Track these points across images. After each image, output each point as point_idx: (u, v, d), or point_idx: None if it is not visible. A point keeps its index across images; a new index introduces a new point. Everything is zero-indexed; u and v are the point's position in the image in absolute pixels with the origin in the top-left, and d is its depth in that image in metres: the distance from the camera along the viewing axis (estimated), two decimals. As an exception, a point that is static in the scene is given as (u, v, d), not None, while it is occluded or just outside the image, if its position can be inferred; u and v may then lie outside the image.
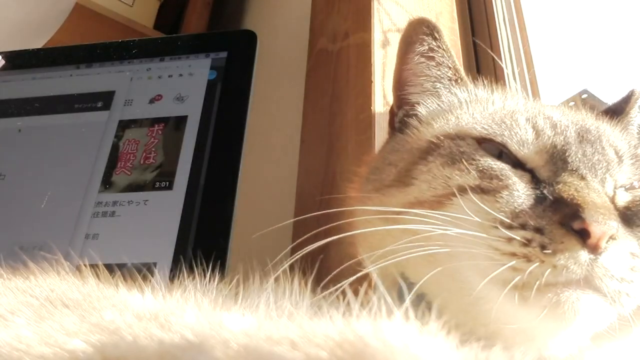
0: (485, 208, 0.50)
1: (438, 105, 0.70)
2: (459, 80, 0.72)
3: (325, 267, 0.54)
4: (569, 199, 0.49)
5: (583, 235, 0.46)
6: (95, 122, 1.04)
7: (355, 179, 0.71)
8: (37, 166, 1.01)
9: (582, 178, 0.52)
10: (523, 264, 0.46)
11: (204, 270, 0.48)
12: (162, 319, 0.31)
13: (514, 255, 0.47)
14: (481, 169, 0.55)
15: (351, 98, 1.10)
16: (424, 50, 0.71)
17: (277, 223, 0.73)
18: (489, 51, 1.25)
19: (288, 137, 1.28)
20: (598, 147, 0.56)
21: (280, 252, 0.59)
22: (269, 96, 1.42)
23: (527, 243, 0.47)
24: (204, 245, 0.84)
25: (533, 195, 0.52)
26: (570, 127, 0.58)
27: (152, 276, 0.45)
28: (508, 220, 0.49)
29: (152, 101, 1.04)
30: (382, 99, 1.06)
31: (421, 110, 0.70)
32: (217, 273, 0.48)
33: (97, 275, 0.44)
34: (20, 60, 1.19)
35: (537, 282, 0.45)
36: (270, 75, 1.45)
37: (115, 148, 1.00)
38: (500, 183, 0.53)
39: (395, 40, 1.15)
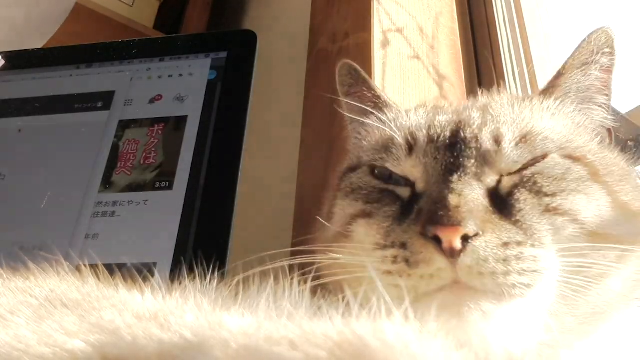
0: (367, 232, 0.54)
1: (356, 137, 0.73)
2: (382, 107, 0.72)
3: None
4: (427, 208, 0.50)
5: (439, 242, 0.46)
6: (95, 122, 1.04)
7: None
8: (37, 166, 1.01)
9: (449, 181, 0.52)
10: (399, 279, 0.47)
11: (204, 271, 0.48)
12: (162, 319, 0.31)
13: (390, 273, 0.48)
14: (366, 194, 0.58)
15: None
16: (345, 90, 0.76)
17: (277, 223, 0.73)
18: (490, 54, 1.25)
19: (288, 137, 1.28)
20: (472, 143, 0.55)
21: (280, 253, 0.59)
22: (269, 96, 1.42)
23: (395, 260, 0.48)
24: (204, 245, 0.84)
25: (404, 210, 0.53)
26: (445, 131, 0.58)
27: (152, 276, 0.45)
28: (382, 241, 0.51)
29: (152, 101, 1.04)
30: (382, 99, 1.05)
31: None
32: (217, 273, 0.48)
33: (97, 276, 0.44)
34: (21, 61, 1.19)
35: (412, 295, 0.45)
36: (270, 75, 1.45)
37: (115, 148, 1.00)
38: (379, 205, 0.56)
39: (395, 40, 1.15)
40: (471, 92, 1.24)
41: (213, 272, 0.47)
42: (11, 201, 0.97)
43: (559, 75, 0.65)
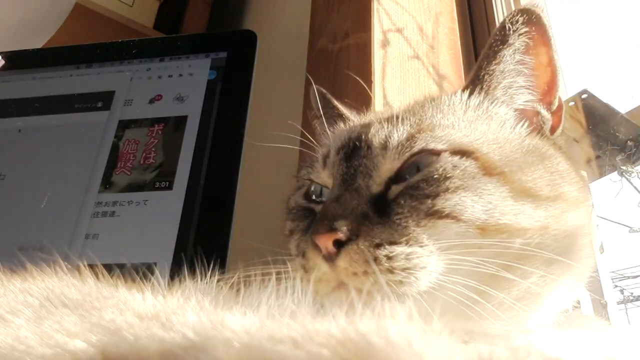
0: (292, 247, 0.60)
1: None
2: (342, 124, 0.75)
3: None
4: (317, 218, 0.54)
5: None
6: (95, 122, 1.04)
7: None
8: (37, 166, 1.01)
9: (340, 192, 0.55)
10: (306, 284, 0.49)
11: (204, 270, 0.48)
12: (164, 318, 0.31)
13: (301, 280, 0.50)
14: (294, 213, 0.64)
15: (351, 98, 1.10)
16: (313, 114, 0.82)
17: (277, 223, 0.73)
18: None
19: (288, 137, 1.28)
20: (363, 152, 0.58)
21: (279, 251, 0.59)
22: (269, 96, 1.42)
23: (300, 268, 0.53)
24: (204, 245, 0.83)
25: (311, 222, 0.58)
26: (350, 141, 0.60)
27: (152, 276, 0.45)
28: (295, 252, 0.57)
29: (152, 101, 1.04)
30: (381, 98, 1.06)
31: None
32: (217, 272, 0.48)
33: (97, 276, 0.43)
34: (21, 61, 1.19)
35: (317, 297, 0.49)
36: (270, 75, 1.45)
37: (115, 148, 1.00)
38: (298, 221, 0.62)
39: (395, 40, 1.15)
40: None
41: (213, 272, 0.48)
42: (11, 201, 0.97)
43: (477, 67, 0.64)
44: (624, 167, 1.04)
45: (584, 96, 1.10)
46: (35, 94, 1.11)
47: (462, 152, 0.53)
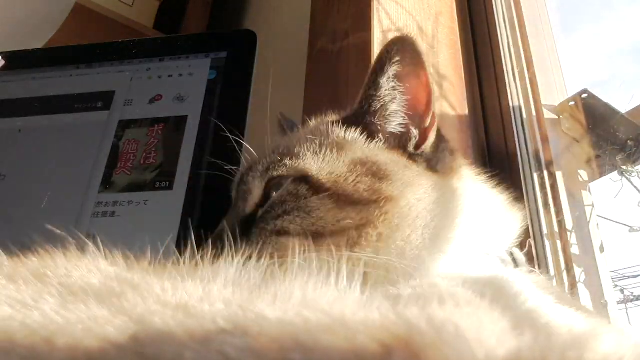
0: None
1: None
2: None
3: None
4: None
5: None
6: (95, 122, 1.04)
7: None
8: (37, 166, 1.01)
9: (229, 214, 0.69)
10: None
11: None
12: (192, 303, 0.30)
13: None
14: None
15: (351, 98, 1.10)
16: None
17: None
18: (490, 54, 1.25)
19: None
20: (243, 186, 0.69)
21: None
22: (269, 96, 1.42)
23: None
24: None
25: None
26: (246, 167, 0.72)
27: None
28: None
29: (152, 101, 1.04)
30: (382, 98, 1.05)
31: None
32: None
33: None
34: (21, 61, 1.19)
35: None
36: (270, 75, 1.45)
37: (115, 148, 1.00)
38: None
39: (395, 40, 1.15)
40: (471, 91, 1.24)
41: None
42: (11, 201, 0.97)
43: (360, 95, 0.69)
44: (624, 167, 1.03)
45: (584, 96, 1.10)
46: (35, 94, 1.11)
47: (301, 177, 0.62)
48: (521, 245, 0.78)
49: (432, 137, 0.68)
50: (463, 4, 1.36)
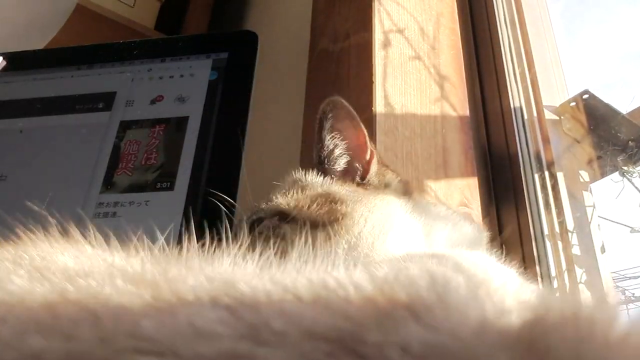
0: None
1: None
2: None
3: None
4: None
5: None
6: (96, 123, 1.04)
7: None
8: (38, 167, 1.01)
9: None
10: None
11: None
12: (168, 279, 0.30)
13: None
14: None
15: (352, 98, 1.10)
16: None
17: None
18: (491, 55, 1.25)
19: (289, 137, 1.28)
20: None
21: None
22: (270, 97, 1.42)
23: None
24: (205, 245, 0.83)
25: None
26: None
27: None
28: None
29: (153, 102, 1.04)
30: (382, 99, 1.06)
31: None
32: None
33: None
34: (22, 61, 1.19)
35: None
36: (271, 76, 1.45)
37: (116, 149, 1.00)
38: None
39: (396, 40, 1.15)
40: (472, 92, 1.24)
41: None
42: (12, 202, 0.97)
43: (314, 152, 0.82)
44: (625, 168, 1.03)
45: (585, 96, 1.10)
46: (36, 95, 1.11)
47: (274, 213, 0.74)
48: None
49: (373, 168, 0.81)
50: (464, 5, 1.36)
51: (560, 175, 1.05)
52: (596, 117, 1.09)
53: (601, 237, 1.01)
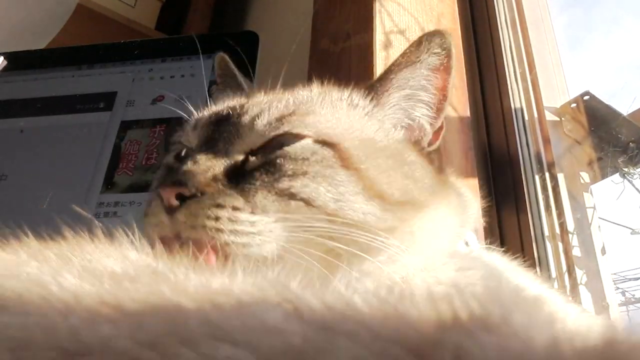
0: None
1: None
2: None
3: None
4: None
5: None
6: (97, 123, 1.04)
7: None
8: (39, 166, 1.01)
9: (198, 153, 0.57)
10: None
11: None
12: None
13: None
14: (161, 170, 0.69)
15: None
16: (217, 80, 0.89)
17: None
18: (492, 56, 1.25)
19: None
20: (233, 119, 0.60)
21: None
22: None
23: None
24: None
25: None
26: (224, 108, 0.64)
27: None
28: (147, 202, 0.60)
29: (154, 102, 1.04)
30: (383, 100, 1.05)
31: None
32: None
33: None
34: (23, 61, 1.19)
35: (149, 239, 0.47)
36: (272, 76, 1.45)
37: (117, 148, 1.00)
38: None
39: (397, 41, 1.15)
40: (473, 93, 1.24)
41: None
42: (13, 201, 0.97)
43: (388, 70, 0.67)
44: (625, 169, 1.03)
45: (586, 98, 1.10)
46: (37, 95, 1.11)
47: (325, 142, 0.56)
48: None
49: (440, 140, 0.67)
50: (465, 6, 1.36)
51: (560, 177, 1.05)
52: (597, 119, 1.09)
53: (602, 239, 1.01)
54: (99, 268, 0.32)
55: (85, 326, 0.25)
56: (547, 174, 1.06)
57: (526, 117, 1.13)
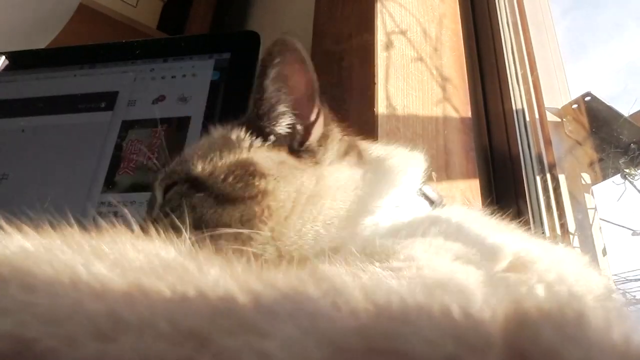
0: None
1: None
2: None
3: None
4: None
5: None
6: (98, 123, 1.04)
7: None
8: (40, 166, 1.01)
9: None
10: None
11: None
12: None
13: None
14: None
15: (354, 99, 1.10)
16: None
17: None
18: (493, 56, 1.25)
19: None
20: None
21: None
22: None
23: None
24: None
25: None
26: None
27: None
28: None
29: (155, 102, 1.05)
30: (385, 100, 1.06)
31: None
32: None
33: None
34: (24, 61, 1.19)
35: None
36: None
37: (118, 148, 1.00)
38: None
39: (398, 42, 1.15)
40: (474, 94, 1.24)
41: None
42: (14, 201, 0.97)
43: (251, 99, 0.70)
44: (627, 170, 1.03)
45: (587, 99, 1.10)
46: (38, 94, 1.11)
47: (187, 179, 0.66)
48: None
49: (316, 132, 0.69)
50: (466, 6, 1.36)
51: (561, 178, 1.05)
52: (598, 120, 1.09)
53: (603, 240, 1.01)
54: (133, 261, 0.33)
55: (123, 305, 0.26)
56: (548, 175, 1.06)
57: (527, 118, 1.13)
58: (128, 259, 0.33)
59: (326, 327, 0.24)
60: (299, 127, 0.68)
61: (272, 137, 0.68)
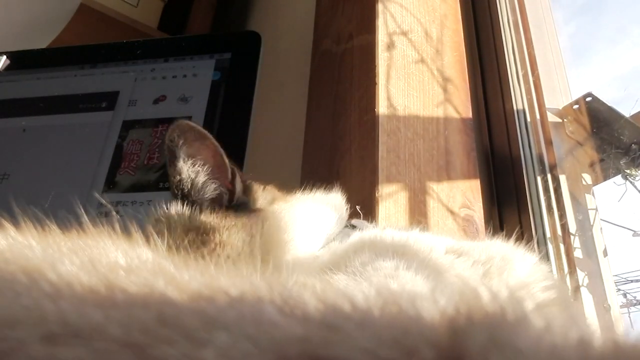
0: None
1: None
2: None
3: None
4: None
5: None
6: (99, 122, 1.04)
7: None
8: (41, 166, 1.01)
9: None
10: None
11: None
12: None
13: None
14: None
15: (355, 99, 1.10)
16: None
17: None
18: (494, 57, 1.25)
19: (291, 138, 1.28)
20: None
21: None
22: (272, 97, 1.42)
23: None
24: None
25: None
26: None
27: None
28: None
29: (156, 101, 1.05)
30: (385, 101, 1.06)
31: None
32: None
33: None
34: (25, 60, 1.19)
35: None
36: (274, 76, 1.45)
37: (119, 148, 1.00)
38: None
39: (399, 42, 1.15)
40: (475, 94, 1.24)
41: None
42: (15, 200, 0.97)
43: (171, 185, 0.75)
44: (628, 171, 1.03)
45: (588, 99, 1.10)
46: (39, 94, 1.11)
47: None
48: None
49: (238, 187, 0.75)
50: (467, 7, 1.36)
51: (562, 178, 1.05)
52: (599, 120, 1.09)
53: (603, 240, 1.01)
54: (103, 260, 0.33)
55: (74, 310, 0.25)
56: (549, 176, 1.06)
57: (528, 119, 1.13)
58: (103, 259, 0.33)
59: (271, 334, 0.24)
60: (222, 188, 0.74)
61: (205, 204, 0.72)
